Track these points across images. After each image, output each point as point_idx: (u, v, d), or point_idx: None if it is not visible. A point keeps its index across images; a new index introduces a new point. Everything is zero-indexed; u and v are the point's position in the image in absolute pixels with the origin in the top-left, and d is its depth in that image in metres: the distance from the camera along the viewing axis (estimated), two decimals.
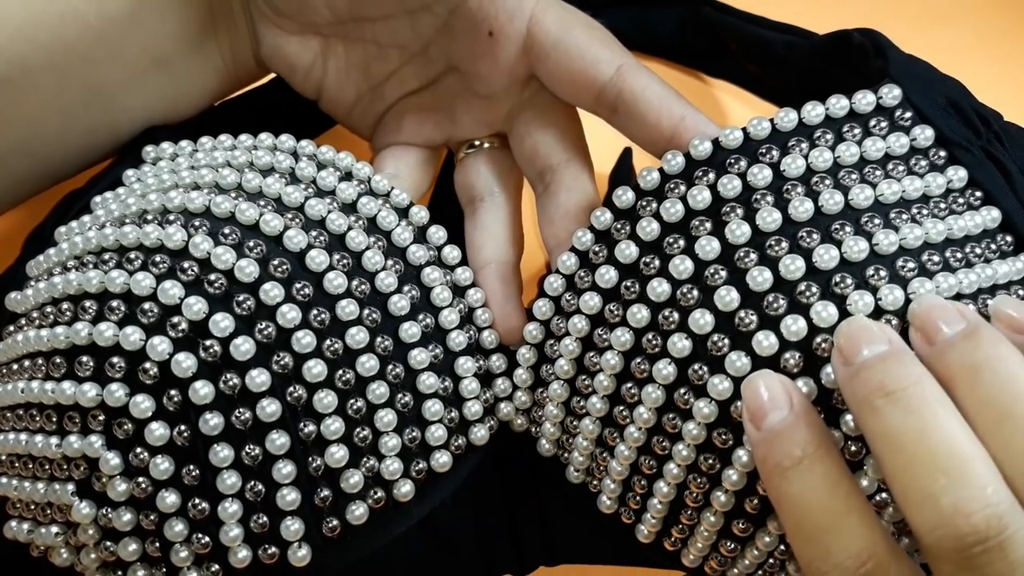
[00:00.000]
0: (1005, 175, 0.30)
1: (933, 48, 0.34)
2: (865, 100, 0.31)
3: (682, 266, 0.29)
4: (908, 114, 0.31)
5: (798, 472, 0.25)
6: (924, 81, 0.32)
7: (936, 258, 0.28)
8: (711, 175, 0.30)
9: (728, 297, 0.28)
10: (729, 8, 0.42)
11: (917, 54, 0.33)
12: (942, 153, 0.31)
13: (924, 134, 0.30)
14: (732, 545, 0.31)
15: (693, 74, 0.48)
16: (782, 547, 0.30)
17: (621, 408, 0.31)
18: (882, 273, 0.27)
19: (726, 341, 0.28)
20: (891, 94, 0.31)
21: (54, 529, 0.29)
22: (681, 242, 0.30)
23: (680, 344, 0.29)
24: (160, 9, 0.34)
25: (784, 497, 0.25)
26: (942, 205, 0.30)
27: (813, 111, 0.31)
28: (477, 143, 0.38)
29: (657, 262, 0.30)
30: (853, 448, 0.27)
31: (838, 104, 0.31)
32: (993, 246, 0.30)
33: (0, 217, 0.36)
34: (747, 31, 0.40)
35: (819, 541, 0.24)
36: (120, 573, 0.29)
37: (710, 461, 0.29)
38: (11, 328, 0.31)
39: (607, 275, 0.31)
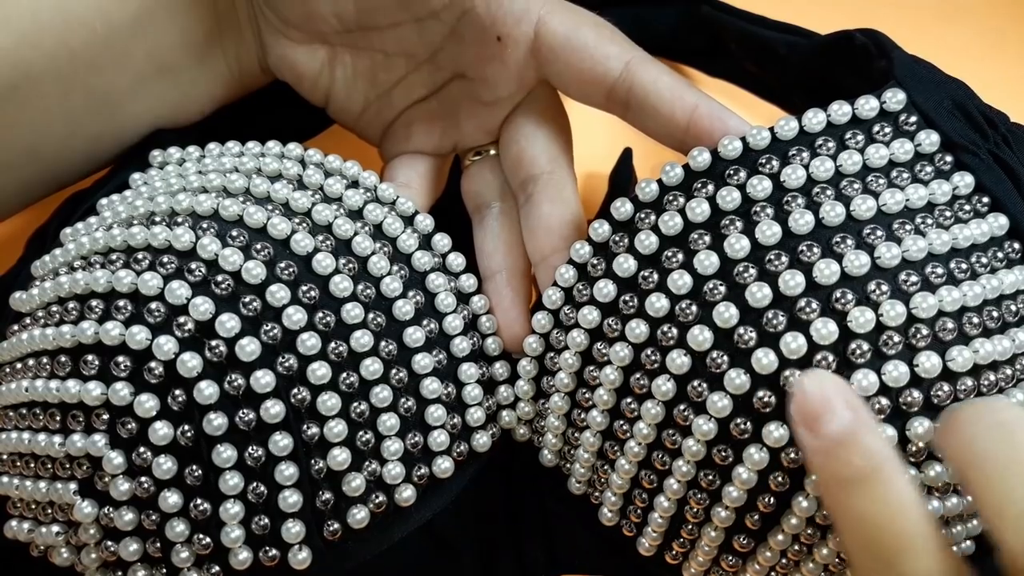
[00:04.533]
0: (1013, 179, 0.30)
1: (934, 48, 0.34)
2: (868, 105, 0.30)
3: (680, 281, 0.29)
4: (913, 118, 0.30)
5: (864, 488, 0.23)
6: (929, 83, 0.31)
7: (940, 270, 0.28)
8: (710, 187, 0.30)
9: (727, 313, 0.28)
10: (728, 7, 0.42)
11: (918, 54, 0.33)
12: (948, 158, 0.30)
13: (929, 139, 0.30)
14: (733, 560, 0.30)
15: (690, 73, 0.48)
16: (783, 561, 0.30)
17: (621, 423, 0.31)
18: (883, 288, 0.27)
19: (725, 358, 0.28)
20: (895, 98, 0.30)
21: (55, 528, 0.29)
22: (680, 256, 0.30)
23: (679, 360, 0.29)
24: (166, 17, 0.34)
25: (847, 513, 0.24)
26: (947, 213, 0.29)
27: (814, 118, 0.30)
28: (483, 150, 0.38)
29: (656, 276, 0.30)
30: None
31: (840, 110, 0.30)
32: (1000, 254, 0.29)
33: None
34: (748, 31, 0.40)
35: (888, 562, 0.23)
36: (120, 573, 0.29)
37: (710, 477, 0.29)
38: (15, 327, 0.31)
39: (605, 289, 0.31)
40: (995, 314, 0.28)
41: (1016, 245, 0.30)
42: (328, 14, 0.34)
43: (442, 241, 0.34)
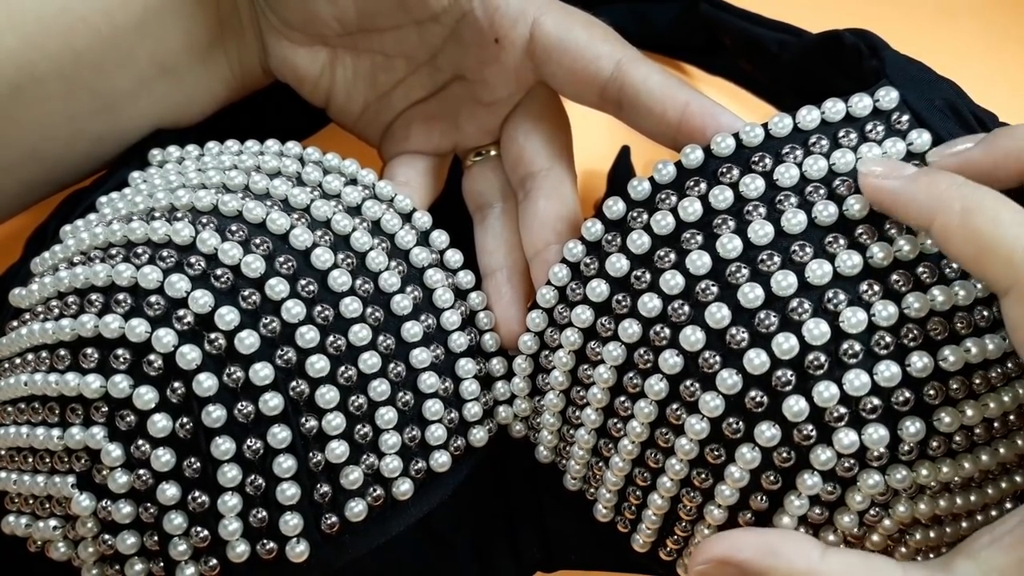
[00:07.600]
0: None
1: (934, 47, 0.34)
2: (861, 103, 0.30)
3: (673, 281, 0.29)
4: (905, 117, 0.30)
5: None
6: (921, 82, 0.32)
7: (931, 270, 0.28)
8: (702, 185, 0.30)
9: (719, 314, 0.28)
10: (726, 4, 0.43)
11: (916, 54, 0.33)
12: None
13: (921, 138, 0.30)
14: None
15: (685, 71, 0.48)
16: None
17: (615, 420, 0.31)
18: (875, 288, 0.27)
19: (717, 358, 0.28)
20: (888, 97, 0.30)
21: (52, 523, 0.29)
22: (672, 256, 0.30)
23: (671, 360, 0.29)
24: (170, 19, 0.35)
25: None
26: None
27: (808, 115, 0.30)
28: (485, 151, 0.38)
29: (648, 276, 0.30)
30: (847, 464, 0.27)
31: (834, 108, 0.30)
32: None
33: None
34: (741, 28, 0.41)
35: None
36: (118, 567, 0.29)
37: (703, 476, 0.29)
38: (14, 323, 0.31)
39: (598, 289, 0.31)
40: (985, 313, 0.28)
41: None
42: (329, 17, 0.35)
43: (440, 238, 0.34)
